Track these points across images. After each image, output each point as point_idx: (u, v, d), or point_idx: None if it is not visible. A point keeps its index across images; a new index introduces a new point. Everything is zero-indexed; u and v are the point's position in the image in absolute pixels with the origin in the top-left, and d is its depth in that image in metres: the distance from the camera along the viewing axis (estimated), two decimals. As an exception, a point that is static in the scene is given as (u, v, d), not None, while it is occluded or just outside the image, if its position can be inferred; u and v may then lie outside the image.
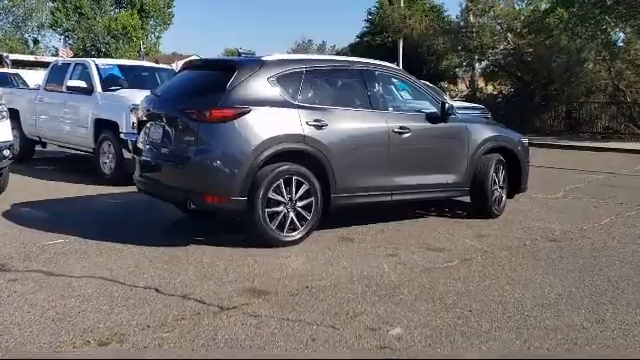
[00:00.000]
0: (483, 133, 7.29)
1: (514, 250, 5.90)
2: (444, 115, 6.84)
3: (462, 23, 24.59)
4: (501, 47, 22.68)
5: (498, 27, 22.55)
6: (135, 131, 8.86)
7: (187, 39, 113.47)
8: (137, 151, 6.46)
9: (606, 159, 14.97)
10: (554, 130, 22.21)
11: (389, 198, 6.55)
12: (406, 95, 7.25)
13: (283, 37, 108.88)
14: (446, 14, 32.79)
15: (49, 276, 4.72)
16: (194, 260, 5.23)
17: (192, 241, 5.83)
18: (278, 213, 5.71)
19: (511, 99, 23.77)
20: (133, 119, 8.94)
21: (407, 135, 6.50)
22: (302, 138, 5.78)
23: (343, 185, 6.06)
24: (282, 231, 5.72)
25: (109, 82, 10.17)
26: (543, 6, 22.61)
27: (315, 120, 5.88)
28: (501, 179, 7.34)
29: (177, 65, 17.57)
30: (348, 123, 6.17)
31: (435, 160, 6.87)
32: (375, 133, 6.33)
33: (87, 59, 10.95)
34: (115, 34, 45.95)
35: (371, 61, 6.85)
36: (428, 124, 6.78)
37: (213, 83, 5.83)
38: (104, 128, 9.54)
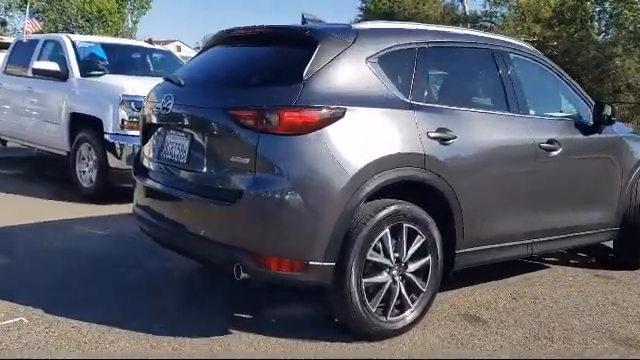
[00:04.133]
0: (638, 149, 5.03)
1: None
2: (600, 122, 4.57)
3: (482, 11, 22.43)
4: (522, 39, 20.49)
5: (523, 17, 20.38)
6: (126, 132, 6.61)
7: (165, 25, 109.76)
8: (139, 170, 4.09)
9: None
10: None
11: (528, 250, 4.33)
12: (547, 90, 4.88)
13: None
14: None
15: None
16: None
17: (230, 322, 3.57)
18: (380, 285, 3.40)
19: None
20: (123, 115, 6.55)
21: (557, 152, 4.25)
22: (422, 160, 3.48)
23: (473, 233, 3.79)
24: (385, 314, 3.41)
25: (90, 65, 7.78)
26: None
27: (439, 130, 3.58)
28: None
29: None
30: (482, 134, 3.89)
31: (587, 189, 4.64)
32: (518, 150, 4.09)
33: (61, 35, 8.48)
34: (89, 17, 42.98)
35: (504, 38, 4.53)
36: (580, 135, 4.54)
37: (280, 66, 3.53)
38: (83, 126, 7.18)
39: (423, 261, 3.62)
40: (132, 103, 6.71)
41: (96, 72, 7.58)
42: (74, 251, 5.00)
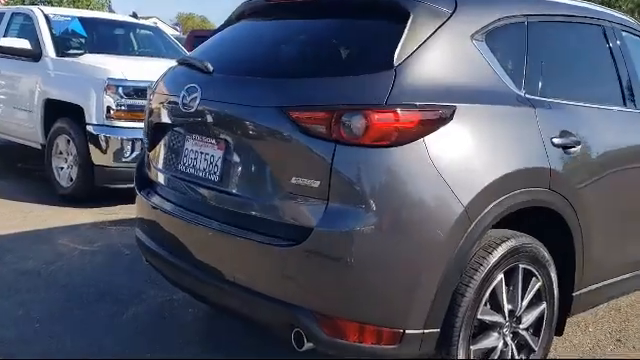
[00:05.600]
0: None
1: None
2: None
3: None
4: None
5: None
6: (112, 122, 5.53)
7: (139, 1, 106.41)
8: (143, 183, 3.06)
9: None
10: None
11: (645, 283, 3.35)
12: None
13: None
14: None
15: None
16: None
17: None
18: (490, 351, 2.51)
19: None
20: (109, 102, 5.48)
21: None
22: (547, 177, 2.52)
23: (595, 267, 2.92)
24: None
25: (67, 43, 6.68)
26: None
27: (562, 134, 2.62)
28: None
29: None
30: (607, 138, 2.95)
31: None
32: (642, 158, 3.09)
33: (31, 7, 7.24)
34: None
35: (612, 12, 3.52)
36: None
37: (357, 47, 2.51)
38: (60, 114, 6.08)
39: (537, 311, 2.68)
40: (120, 88, 5.67)
41: (74, 51, 6.45)
42: (48, 277, 3.97)
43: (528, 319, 2.64)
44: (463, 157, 2.28)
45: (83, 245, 4.66)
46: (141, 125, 5.71)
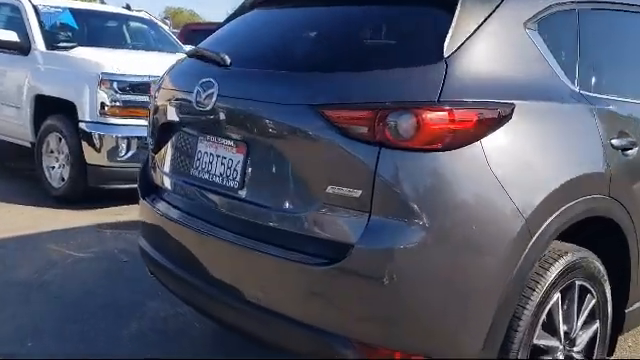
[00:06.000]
0: None
1: None
2: None
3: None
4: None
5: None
6: (107, 119, 5.21)
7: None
8: (148, 188, 2.76)
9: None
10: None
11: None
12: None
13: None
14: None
15: None
16: None
17: None
18: (544, 376, 2.17)
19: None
20: (103, 98, 5.16)
21: None
22: (607, 184, 2.27)
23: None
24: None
25: (57, 35, 6.30)
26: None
27: (620, 135, 2.32)
28: None
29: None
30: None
31: None
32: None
33: (19, -3, 6.84)
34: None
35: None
36: None
37: (399, 35, 2.19)
38: (50, 111, 5.74)
39: (591, 331, 2.42)
40: (114, 83, 5.37)
41: (65, 44, 6.09)
42: (41, 287, 3.67)
43: (582, 340, 2.38)
44: (522, 162, 2.00)
45: (77, 251, 4.34)
46: (137, 122, 5.47)
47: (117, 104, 5.34)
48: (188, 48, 7.43)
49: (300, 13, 2.54)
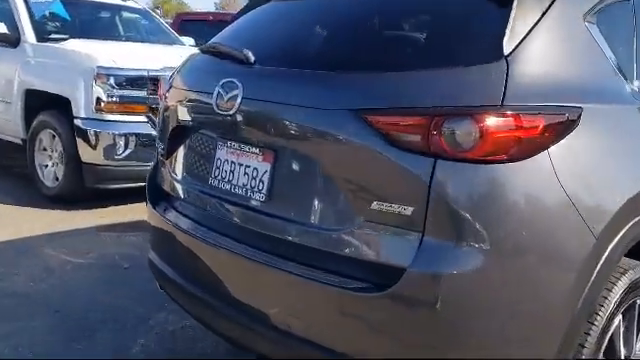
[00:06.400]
0: None
1: None
2: None
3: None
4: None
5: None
6: (103, 115, 4.95)
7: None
8: (158, 196, 2.51)
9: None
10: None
11: None
12: None
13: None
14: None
15: None
16: None
17: None
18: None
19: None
20: (100, 93, 4.89)
21: None
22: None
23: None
24: None
25: (48, 27, 5.98)
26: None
27: (678, 140, 2.09)
28: None
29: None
30: None
31: None
32: None
33: (7, -13, 6.52)
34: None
35: None
36: None
37: (449, 31, 1.92)
38: (43, 106, 5.46)
39: (647, 351, 2.18)
40: (111, 78, 5.09)
41: (57, 36, 5.80)
42: (38, 299, 3.42)
43: (641, 364, 2.16)
44: (592, 173, 1.78)
45: (76, 257, 4.09)
46: (135, 119, 5.20)
47: (114, 99, 5.08)
48: (186, 39, 7.26)
49: (331, 5, 2.28)
